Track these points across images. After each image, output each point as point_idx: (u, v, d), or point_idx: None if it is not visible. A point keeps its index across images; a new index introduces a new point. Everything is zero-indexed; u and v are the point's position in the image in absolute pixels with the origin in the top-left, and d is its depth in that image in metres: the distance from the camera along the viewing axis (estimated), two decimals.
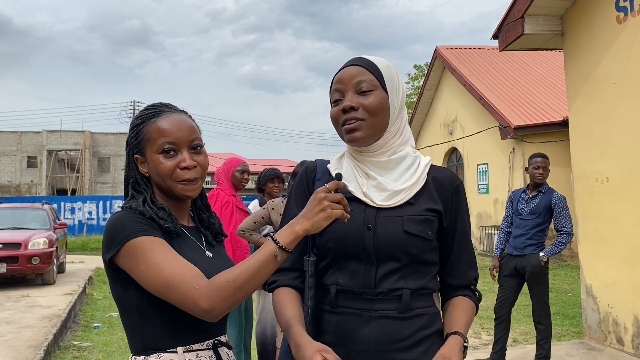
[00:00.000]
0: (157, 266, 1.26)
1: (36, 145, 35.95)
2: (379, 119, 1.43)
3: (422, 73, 28.94)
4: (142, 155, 1.42)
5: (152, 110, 1.44)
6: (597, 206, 5.35)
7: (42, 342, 5.54)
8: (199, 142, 1.43)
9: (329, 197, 1.27)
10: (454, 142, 15.66)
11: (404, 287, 1.40)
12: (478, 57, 16.28)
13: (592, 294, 5.43)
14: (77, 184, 35.78)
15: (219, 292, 1.23)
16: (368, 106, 1.41)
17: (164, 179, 1.39)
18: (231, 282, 1.23)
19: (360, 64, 1.46)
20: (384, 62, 1.49)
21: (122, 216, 1.34)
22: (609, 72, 5.09)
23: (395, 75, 1.49)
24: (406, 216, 1.41)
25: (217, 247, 1.53)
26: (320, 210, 1.26)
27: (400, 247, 1.40)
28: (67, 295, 8.70)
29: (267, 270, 1.26)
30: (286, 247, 1.26)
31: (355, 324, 1.39)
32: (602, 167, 5.23)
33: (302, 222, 1.27)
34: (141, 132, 1.41)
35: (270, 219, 3.93)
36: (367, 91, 1.42)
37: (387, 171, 1.47)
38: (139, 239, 1.29)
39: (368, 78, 1.43)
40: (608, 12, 5.06)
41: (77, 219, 23.17)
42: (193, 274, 1.25)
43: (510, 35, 5.89)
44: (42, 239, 10.07)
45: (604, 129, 5.19)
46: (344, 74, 1.46)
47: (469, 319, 1.47)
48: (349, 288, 1.41)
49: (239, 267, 1.26)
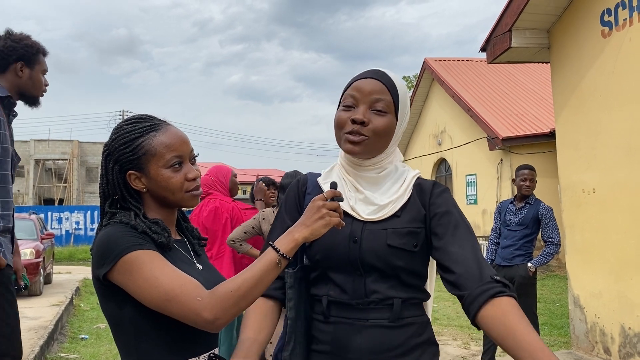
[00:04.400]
0: (156, 280, 1.24)
1: (23, 154, 35.60)
2: (382, 141, 1.46)
3: (411, 84, 29.14)
4: (140, 170, 1.38)
5: (148, 124, 1.40)
6: (584, 217, 5.41)
7: (28, 354, 5.47)
8: (195, 153, 1.46)
9: (326, 205, 1.29)
10: (443, 153, 15.75)
11: (394, 296, 1.42)
12: (466, 69, 16.44)
13: (580, 304, 5.47)
14: (65, 194, 35.48)
15: (223, 302, 1.23)
16: (377, 127, 1.43)
17: (175, 192, 1.39)
18: (234, 291, 1.24)
19: (383, 81, 1.46)
20: (403, 87, 1.51)
21: (113, 231, 1.31)
22: (594, 84, 5.17)
23: (407, 101, 1.52)
24: (390, 229, 1.43)
25: (202, 256, 1.53)
26: (319, 217, 1.28)
27: (384, 259, 1.41)
28: (54, 307, 8.60)
29: (268, 278, 1.27)
30: (287, 255, 1.27)
31: (348, 334, 1.41)
32: (588, 178, 5.29)
33: (301, 230, 1.29)
34: (140, 147, 1.37)
35: (260, 229, 3.93)
36: (381, 111, 1.43)
37: (376, 186, 1.50)
38: (135, 253, 1.27)
39: (386, 99, 1.44)
40: (593, 26, 5.15)
41: (65, 229, 22.95)
42: (193, 286, 1.25)
43: (498, 48, 5.98)
44: (29, 250, 9.97)
45: (590, 140, 5.26)
46: (365, 84, 1.45)
47: (533, 333, 1.18)
48: (341, 299, 1.44)
49: (241, 276, 1.26)
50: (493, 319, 1.23)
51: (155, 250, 1.31)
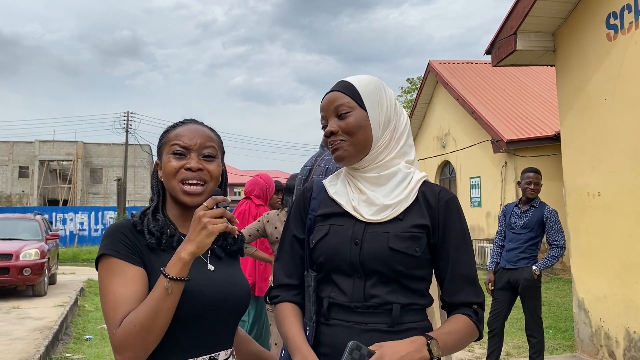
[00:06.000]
0: (106, 295, 1.31)
1: (28, 155, 35.76)
2: (359, 136, 1.48)
3: (415, 87, 29.11)
4: (160, 159, 1.48)
5: (178, 122, 1.53)
6: (588, 220, 5.40)
7: (33, 354, 5.50)
8: (210, 152, 1.46)
9: (207, 213, 1.28)
10: (447, 156, 15.75)
11: (394, 301, 1.41)
12: (471, 71, 16.44)
13: (584, 307, 5.46)
14: (69, 195, 35.58)
15: (128, 339, 1.24)
16: (345, 127, 1.48)
17: (169, 177, 1.43)
18: (137, 325, 1.24)
19: (338, 89, 1.53)
20: (363, 80, 1.54)
21: (114, 227, 1.40)
22: (600, 88, 5.17)
23: (376, 90, 1.53)
24: (392, 232, 1.43)
25: (226, 260, 1.51)
26: (201, 229, 1.27)
27: (385, 263, 1.41)
28: (58, 307, 8.63)
29: (166, 305, 1.25)
30: (177, 277, 1.25)
31: (347, 337, 1.40)
32: (593, 181, 5.28)
33: (186, 246, 1.27)
34: (163, 138, 1.50)
35: (265, 231, 3.94)
36: (345, 113, 1.49)
37: (378, 187, 1.49)
38: (109, 259, 1.34)
39: (345, 101, 1.50)
40: (599, 29, 5.14)
41: (69, 230, 23.05)
42: (120, 315, 1.27)
43: (503, 51, 5.98)
44: (34, 250, 10.01)
45: (595, 144, 5.26)
46: (325, 101, 1.54)
47: (451, 329, 1.42)
48: (340, 302, 1.44)
49: (140, 307, 1.27)
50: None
51: (132, 261, 1.34)
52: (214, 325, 1.39)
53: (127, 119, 32.24)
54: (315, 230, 1.52)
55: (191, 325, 1.34)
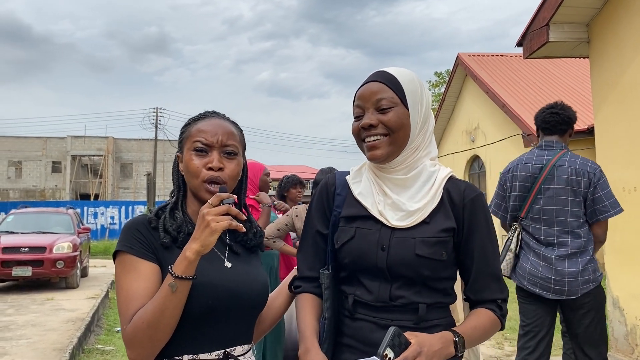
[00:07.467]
0: (120, 291, 1.33)
1: (60, 150, 36.58)
2: (399, 135, 1.44)
3: (443, 80, 28.82)
4: (181, 152, 1.48)
5: (200, 115, 1.51)
6: (623, 216, 5.22)
7: (67, 345, 5.62)
8: (233, 149, 1.45)
9: (211, 211, 1.26)
10: (476, 150, 15.54)
11: (420, 301, 1.42)
12: (500, 64, 16.16)
13: (619, 305, 5.33)
14: (100, 189, 36.29)
15: (136, 335, 1.26)
16: (387, 122, 1.43)
17: (191, 177, 1.42)
18: (144, 322, 1.26)
19: (381, 80, 1.46)
20: (407, 76, 1.48)
21: (130, 223, 1.41)
22: (636, 80, 5.02)
23: (419, 88, 1.48)
24: (419, 238, 1.42)
25: (244, 257, 1.50)
26: (204, 227, 1.26)
27: (412, 268, 1.41)
28: (90, 299, 8.82)
29: (172, 303, 1.25)
30: (182, 275, 1.25)
31: (373, 330, 1.43)
32: (629, 176, 5.14)
33: (191, 245, 1.26)
34: (185, 132, 1.48)
35: (294, 226, 3.94)
36: (387, 108, 1.43)
37: (404, 189, 1.47)
38: (123, 255, 1.36)
39: (388, 95, 1.44)
40: (635, 20, 4.99)
41: (100, 224, 23.51)
42: (131, 310, 1.29)
43: (534, 42, 5.85)
44: (67, 243, 10.24)
45: (631, 137, 5.11)
46: (364, 90, 1.47)
47: (477, 324, 1.43)
48: (366, 300, 1.45)
49: (148, 305, 1.28)
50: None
51: (145, 257, 1.35)
52: (228, 320, 1.39)
53: (157, 114, 32.67)
54: (340, 230, 1.51)
55: (203, 321, 1.35)
